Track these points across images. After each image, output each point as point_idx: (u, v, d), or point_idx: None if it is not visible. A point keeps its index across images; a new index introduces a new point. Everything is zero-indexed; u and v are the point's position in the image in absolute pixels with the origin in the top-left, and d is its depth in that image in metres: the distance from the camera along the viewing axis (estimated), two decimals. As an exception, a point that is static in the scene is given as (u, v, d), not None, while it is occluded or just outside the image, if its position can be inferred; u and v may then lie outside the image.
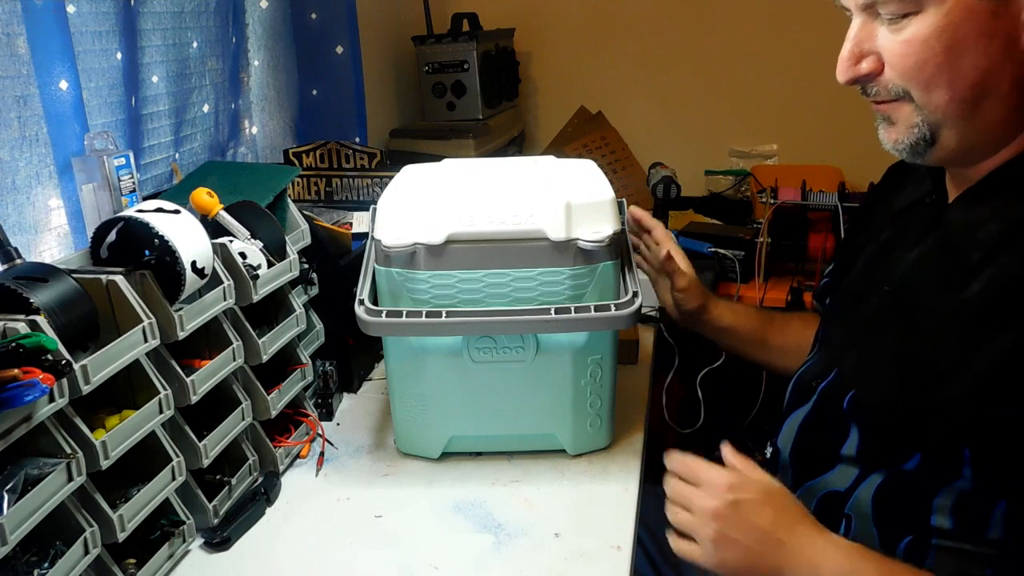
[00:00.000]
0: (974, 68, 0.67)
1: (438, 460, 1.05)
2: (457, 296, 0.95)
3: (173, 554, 0.84)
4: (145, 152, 1.22)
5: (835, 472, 0.78)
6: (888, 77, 0.70)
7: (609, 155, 2.30)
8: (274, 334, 0.99)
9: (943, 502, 0.69)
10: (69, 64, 1.00)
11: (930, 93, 0.69)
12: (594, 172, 1.05)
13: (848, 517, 0.76)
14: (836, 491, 0.77)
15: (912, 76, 0.69)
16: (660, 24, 2.23)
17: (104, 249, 0.83)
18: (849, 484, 0.76)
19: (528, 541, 0.89)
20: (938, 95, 0.69)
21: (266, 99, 1.57)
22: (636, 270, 1.00)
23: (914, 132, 0.71)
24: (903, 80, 0.69)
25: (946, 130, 0.70)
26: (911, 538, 0.71)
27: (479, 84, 2.02)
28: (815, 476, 0.80)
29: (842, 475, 0.77)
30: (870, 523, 0.74)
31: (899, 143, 0.73)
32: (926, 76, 0.68)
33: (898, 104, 0.72)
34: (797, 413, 0.86)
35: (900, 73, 0.69)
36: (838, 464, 0.78)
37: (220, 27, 1.37)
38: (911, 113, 0.71)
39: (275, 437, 1.02)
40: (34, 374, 0.63)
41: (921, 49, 0.67)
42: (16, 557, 0.68)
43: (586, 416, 1.02)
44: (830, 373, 0.83)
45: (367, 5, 1.77)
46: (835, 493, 0.77)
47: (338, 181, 1.52)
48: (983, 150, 0.72)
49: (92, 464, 0.72)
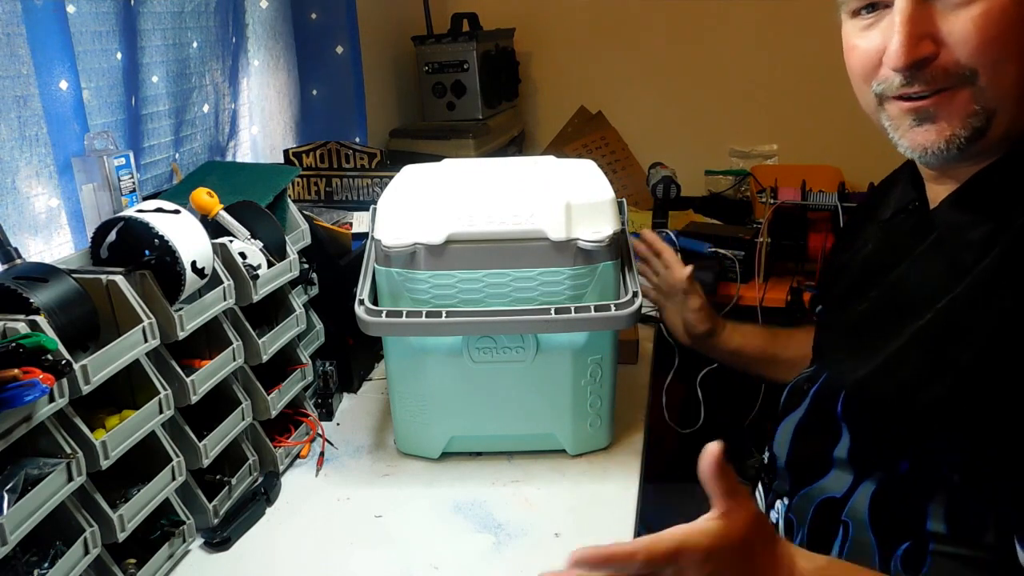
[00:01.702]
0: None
1: (438, 460, 1.05)
2: (457, 296, 0.95)
3: (173, 554, 0.84)
4: (145, 152, 1.22)
5: (830, 477, 0.77)
6: (952, 59, 0.66)
7: (609, 155, 2.30)
8: (274, 334, 0.99)
9: (937, 507, 0.68)
10: (69, 64, 1.00)
11: (1000, 71, 0.65)
12: (594, 172, 1.05)
13: (845, 524, 0.75)
14: (832, 497, 0.77)
15: (986, 52, 0.65)
16: (660, 24, 2.23)
17: (104, 249, 0.83)
18: (845, 490, 0.76)
19: (528, 541, 0.89)
20: (1009, 72, 0.65)
21: (266, 99, 1.57)
22: (636, 271, 1.00)
23: (971, 122, 0.67)
24: (972, 59, 0.65)
25: (1000, 115, 0.67)
26: (908, 544, 0.70)
27: (479, 84, 2.02)
28: (811, 482, 0.79)
29: (837, 480, 0.77)
30: (867, 529, 0.73)
31: (952, 139, 0.68)
32: (999, 51, 0.65)
33: (953, 93, 0.67)
34: (790, 418, 0.86)
35: (971, 51, 0.65)
36: (832, 468, 0.77)
37: (220, 27, 1.37)
38: (968, 100, 0.67)
39: (275, 437, 1.02)
40: (34, 374, 0.63)
41: (999, 21, 0.64)
42: (16, 557, 0.68)
43: (586, 416, 1.02)
44: (820, 377, 0.83)
45: (367, 5, 1.77)
46: (831, 499, 0.77)
47: (338, 181, 1.52)
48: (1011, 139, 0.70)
49: (92, 464, 0.72)
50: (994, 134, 0.68)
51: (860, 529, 0.74)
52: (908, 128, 0.71)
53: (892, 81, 0.70)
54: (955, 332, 0.67)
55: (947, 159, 0.71)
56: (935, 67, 0.67)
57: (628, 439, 1.08)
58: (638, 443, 1.07)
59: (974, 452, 0.66)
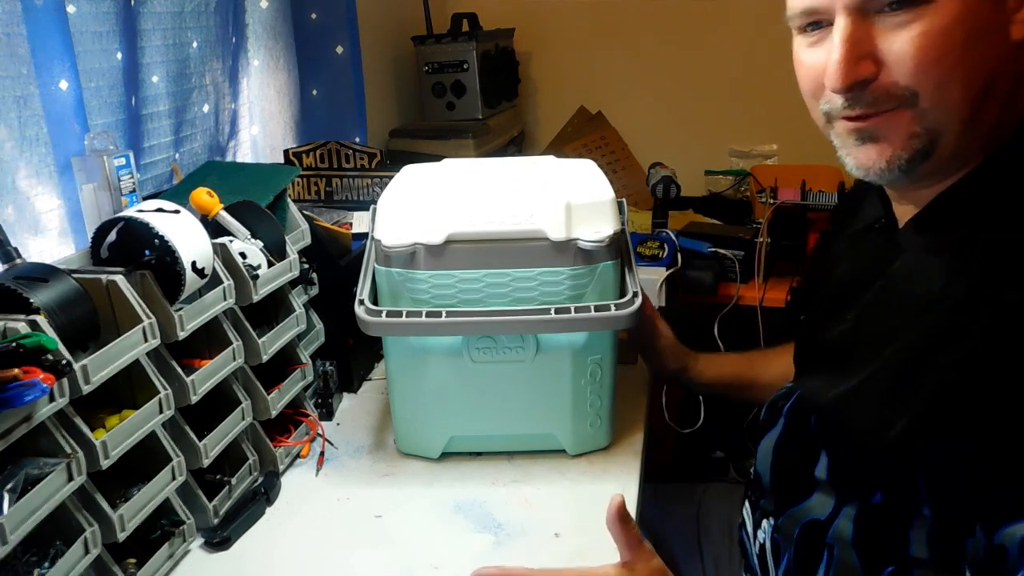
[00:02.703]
0: (986, 60, 0.63)
1: (438, 460, 1.05)
2: (457, 296, 0.95)
3: (173, 554, 0.84)
4: (145, 152, 1.22)
5: (814, 499, 0.76)
6: (892, 80, 0.64)
7: (609, 155, 2.30)
8: (274, 334, 0.99)
9: (918, 532, 0.66)
10: (69, 64, 1.00)
11: (943, 92, 0.63)
12: (594, 172, 1.05)
13: (830, 547, 0.74)
14: (817, 519, 0.75)
15: (927, 73, 0.63)
16: (660, 24, 2.23)
17: (104, 249, 0.83)
18: (828, 513, 0.74)
19: (528, 541, 0.89)
20: (952, 93, 0.63)
21: (266, 99, 1.57)
22: (636, 270, 1.00)
23: (913, 144, 0.65)
24: (913, 80, 0.63)
25: (946, 136, 0.65)
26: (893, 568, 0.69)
27: (479, 84, 2.02)
28: (796, 503, 0.78)
29: (821, 502, 0.75)
30: (852, 553, 0.72)
31: (893, 160, 0.67)
32: (942, 72, 0.62)
33: (894, 114, 0.65)
34: (769, 436, 0.84)
35: (911, 72, 0.63)
36: (815, 490, 0.75)
37: (220, 27, 1.37)
38: (910, 121, 0.65)
39: (275, 437, 1.02)
40: (34, 374, 0.63)
41: (940, 42, 0.62)
42: (16, 557, 0.68)
43: (586, 416, 1.02)
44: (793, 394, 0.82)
45: (367, 5, 1.77)
46: (816, 521, 0.75)
47: (338, 181, 1.52)
48: (966, 159, 0.68)
49: (92, 464, 0.72)
50: (942, 156, 0.66)
51: (845, 552, 0.72)
52: (852, 147, 0.69)
53: (836, 102, 0.68)
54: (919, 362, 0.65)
55: (890, 180, 0.69)
56: (875, 87, 0.65)
57: (628, 439, 1.08)
58: (638, 443, 1.07)
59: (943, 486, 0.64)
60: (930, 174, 0.69)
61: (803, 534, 0.77)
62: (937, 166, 0.67)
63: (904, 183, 0.71)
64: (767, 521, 0.83)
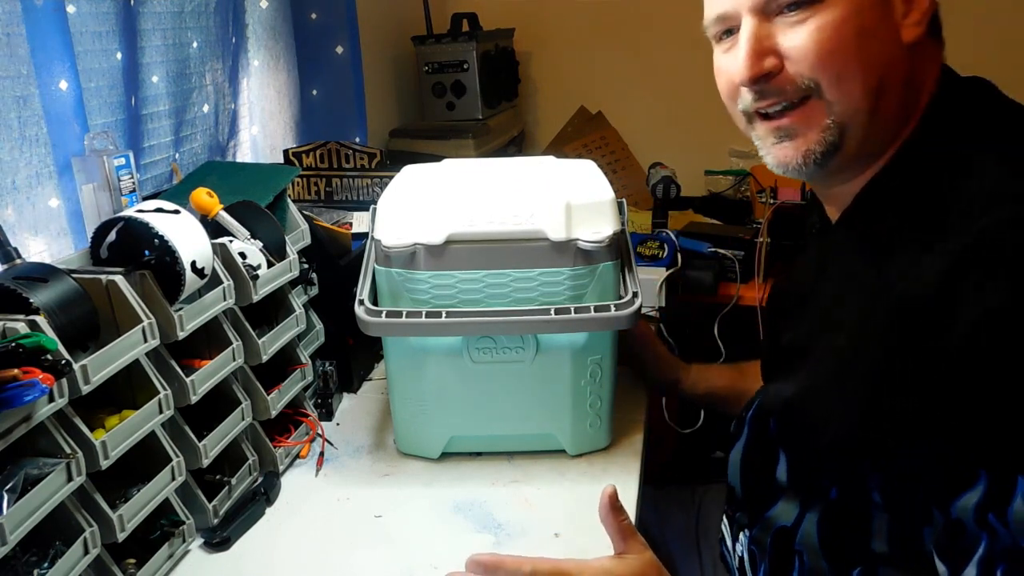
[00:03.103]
0: (879, 55, 0.68)
1: (438, 460, 1.05)
2: (457, 296, 0.95)
3: (173, 554, 0.84)
4: (145, 152, 1.22)
5: (779, 506, 0.77)
6: (795, 71, 0.69)
7: (609, 155, 2.30)
8: (274, 334, 0.99)
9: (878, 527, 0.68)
10: (69, 64, 1.00)
11: (842, 82, 0.68)
12: (594, 172, 1.05)
13: (799, 553, 0.75)
14: (784, 526, 0.76)
15: (824, 64, 0.68)
16: (660, 24, 2.22)
17: (104, 249, 0.83)
18: (794, 518, 0.75)
19: (528, 541, 0.89)
20: (851, 84, 0.68)
21: (266, 99, 1.57)
22: (636, 270, 1.00)
23: (825, 136, 0.70)
24: (813, 71, 0.68)
25: (853, 129, 0.70)
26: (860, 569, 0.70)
27: (479, 84, 2.02)
28: (766, 509, 0.79)
29: (785, 510, 0.76)
30: (820, 557, 0.73)
31: (809, 154, 0.71)
32: (839, 63, 0.68)
33: (805, 107, 0.70)
34: (737, 446, 0.85)
35: (811, 63, 0.68)
36: (779, 496, 0.77)
37: (220, 27, 1.37)
38: (821, 112, 0.69)
39: (275, 437, 1.02)
40: (34, 374, 0.63)
41: (833, 36, 0.67)
42: (16, 557, 0.68)
43: (586, 416, 1.02)
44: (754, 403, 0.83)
45: (367, 5, 1.77)
46: (784, 529, 0.76)
47: (338, 181, 1.52)
48: (873, 154, 0.72)
49: (92, 464, 0.72)
50: (849, 149, 0.71)
51: (814, 557, 0.73)
52: (771, 145, 0.74)
53: (747, 97, 0.73)
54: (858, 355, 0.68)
55: (807, 174, 0.73)
56: (780, 80, 0.70)
57: (628, 439, 1.08)
58: (638, 443, 1.07)
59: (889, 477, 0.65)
60: (840, 168, 0.73)
61: (774, 543, 0.78)
62: (846, 159, 0.72)
63: (820, 178, 0.76)
64: (743, 533, 0.84)
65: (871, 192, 0.74)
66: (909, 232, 0.67)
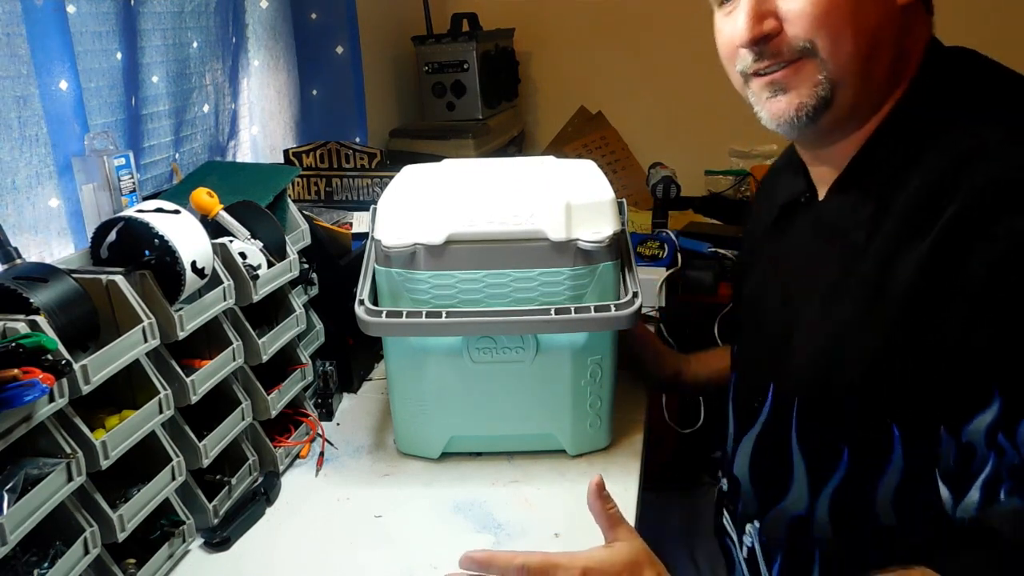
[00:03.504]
0: (873, 17, 0.71)
1: (438, 460, 1.05)
2: (457, 296, 0.95)
3: (173, 554, 0.84)
4: (145, 152, 1.22)
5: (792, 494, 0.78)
6: (793, 32, 0.72)
7: (609, 155, 2.30)
8: (274, 334, 0.99)
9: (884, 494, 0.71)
10: (69, 64, 1.00)
11: (837, 43, 0.71)
12: (594, 172, 1.05)
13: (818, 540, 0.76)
14: (799, 515, 0.78)
15: (820, 25, 0.70)
16: (660, 24, 2.23)
17: (104, 249, 0.83)
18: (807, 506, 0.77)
19: (528, 541, 0.89)
20: (844, 45, 0.71)
21: (266, 99, 1.57)
22: (636, 270, 1.00)
23: (817, 91, 0.73)
24: (809, 32, 0.71)
25: (843, 88, 0.72)
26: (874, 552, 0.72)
27: (479, 84, 2.02)
28: (778, 500, 0.80)
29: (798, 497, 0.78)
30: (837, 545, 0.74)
31: (802, 107, 0.74)
32: (833, 24, 0.70)
33: (799, 64, 0.73)
34: (748, 436, 0.86)
35: (807, 25, 0.71)
36: (792, 484, 0.78)
37: (220, 27, 1.37)
38: (814, 70, 0.72)
39: (275, 437, 1.02)
40: (34, 374, 0.63)
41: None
42: (16, 557, 0.68)
43: (586, 416, 1.02)
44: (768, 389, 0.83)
45: (367, 5, 1.77)
46: (799, 518, 0.78)
47: (338, 181, 1.52)
48: (863, 114, 0.75)
49: (92, 464, 0.72)
50: (841, 106, 0.73)
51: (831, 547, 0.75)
52: (766, 100, 0.77)
53: (746, 58, 0.76)
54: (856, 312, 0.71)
55: (799, 127, 0.76)
56: (778, 41, 0.73)
57: (628, 439, 1.08)
58: (638, 443, 1.07)
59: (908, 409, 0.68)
60: (831, 127, 0.76)
61: (790, 535, 0.79)
62: (837, 117, 0.74)
63: (811, 136, 0.79)
64: (751, 525, 0.84)
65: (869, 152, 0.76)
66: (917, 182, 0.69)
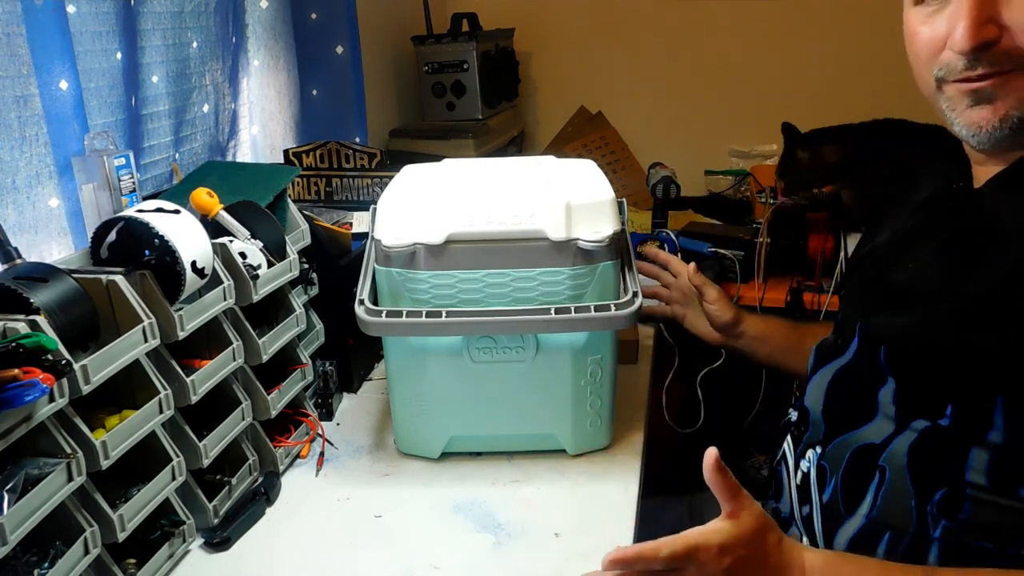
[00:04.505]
0: None
1: (438, 460, 1.05)
2: (457, 296, 0.95)
3: (173, 554, 0.84)
4: (145, 152, 1.22)
5: (871, 426, 0.79)
6: (1013, 43, 0.69)
7: (609, 155, 2.30)
8: (274, 334, 0.99)
9: (978, 461, 0.70)
10: (69, 64, 1.00)
11: None
12: (594, 172, 1.05)
13: (882, 468, 0.76)
14: (871, 443, 0.78)
15: None
16: (660, 24, 2.23)
17: (104, 249, 0.83)
18: (885, 437, 0.77)
19: (528, 541, 0.89)
20: None
21: (266, 99, 1.57)
22: (636, 271, 1.00)
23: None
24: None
25: None
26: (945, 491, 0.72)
27: (479, 84, 2.02)
28: (849, 429, 0.80)
29: (878, 428, 0.78)
30: (905, 474, 0.74)
31: (1007, 118, 0.71)
32: None
33: (1010, 77, 0.70)
34: (825, 370, 0.87)
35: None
36: (875, 416, 0.78)
37: (220, 27, 1.37)
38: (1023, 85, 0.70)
39: (275, 437, 1.02)
40: (34, 374, 0.63)
41: None
42: (16, 557, 0.68)
43: (586, 416, 1.02)
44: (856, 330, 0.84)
45: (367, 5, 1.77)
46: (870, 446, 0.78)
47: (338, 181, 1.52)
48: None
49: (92, 464, 0.72)
50: None
51: (898, 474, 0.75)
52: (964, 108, 0.74)
53: (955, 65, 0.72)
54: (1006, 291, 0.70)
55: (999, 139, 0.73)
56: (997, 51, 0.69)
57: (628, 439, 1.08)
58: (638, 443, 1.07)
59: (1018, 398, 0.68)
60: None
61: (854, 458, 0.79)
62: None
63: (1007, 144, 0.74)
64: (812, 451, 0.85)
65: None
66: None
